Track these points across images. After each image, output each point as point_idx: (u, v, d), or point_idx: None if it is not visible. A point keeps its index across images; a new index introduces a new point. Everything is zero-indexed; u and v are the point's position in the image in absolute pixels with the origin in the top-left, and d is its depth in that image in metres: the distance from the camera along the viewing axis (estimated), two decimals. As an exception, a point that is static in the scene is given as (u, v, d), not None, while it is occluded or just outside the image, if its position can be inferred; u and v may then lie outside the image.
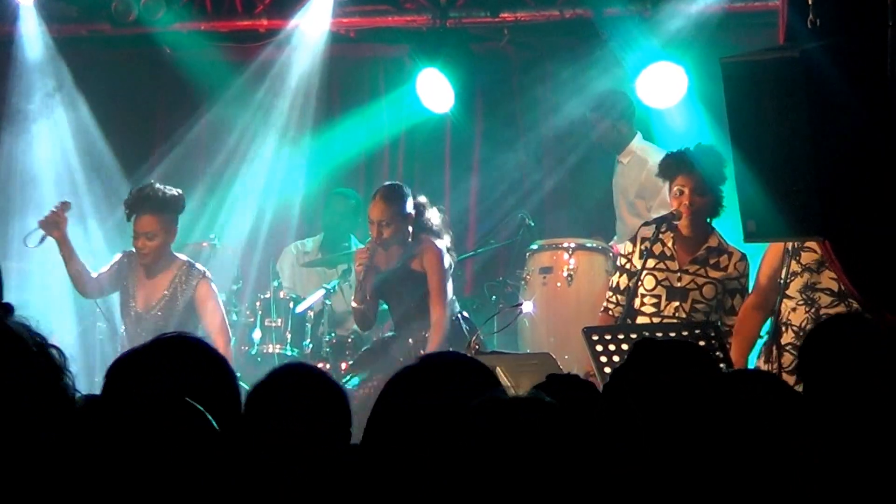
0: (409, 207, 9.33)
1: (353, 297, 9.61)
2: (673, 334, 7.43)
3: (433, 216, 9.49)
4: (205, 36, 11.52)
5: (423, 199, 9.51)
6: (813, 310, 7.63)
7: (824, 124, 6.54)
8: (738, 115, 6.86)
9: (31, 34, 11.55)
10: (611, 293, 8.58)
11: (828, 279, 7.63)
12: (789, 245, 7.71)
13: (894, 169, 6.54)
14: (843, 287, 7.47)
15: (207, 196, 11.55)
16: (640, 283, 8.32)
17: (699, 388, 3.35)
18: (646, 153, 10.50)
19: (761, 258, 8.01)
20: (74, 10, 11.62)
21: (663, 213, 8.72)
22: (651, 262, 8.34)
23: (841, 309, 7.53)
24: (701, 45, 10.34)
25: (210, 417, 2.99)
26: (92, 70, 11.82)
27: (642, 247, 8.39)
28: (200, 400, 3.32)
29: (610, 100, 10.70)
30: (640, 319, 8.31)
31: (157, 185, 9.34)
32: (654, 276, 8.32)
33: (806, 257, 7.71)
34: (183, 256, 9.54)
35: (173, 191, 9.33)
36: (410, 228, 9.33)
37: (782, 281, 7.71)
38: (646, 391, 3.36)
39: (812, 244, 7.61)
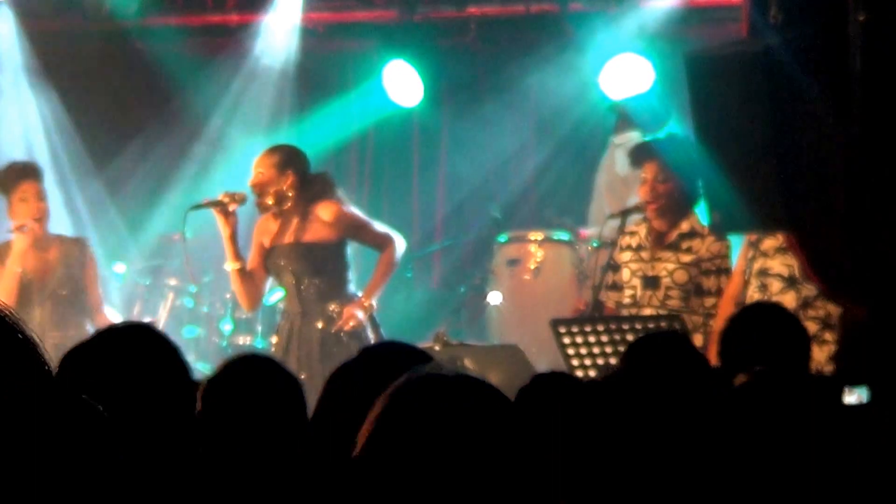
0: (290, 164, 8.49)
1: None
2: (639, 326, 7.48)
3: (326, 183, 8.59)
4: (176, 30, 11.58)
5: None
6: (765, 296, 7.62)
7: (788, 118, 6.62)
8: (701, 109, 6.90)
9: (3, 28, 11.56)
10: (604, 290, 8.45)
11: (779, 265, 7.66)
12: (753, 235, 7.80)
13: (857, 162, 6.65)
14: (793, 273, 7.58)
15: (178, 188, 11.57)
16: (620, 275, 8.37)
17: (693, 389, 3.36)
18: None
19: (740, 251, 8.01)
20: (47, 4, 11.64)
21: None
22: (627, 255, 8.33)
23: (791, 295, 7.61)
24: (665, 39, 10.43)
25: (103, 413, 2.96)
26: (64, 64, 11.82)
27: (622, 241, 8.43)
28: (153, 391, 3.37)
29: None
30: (622, 312, 8.27)
31: (17, 160, 8.98)
32: (630, 268, 8.32)
33: (766, 243, 7.76)
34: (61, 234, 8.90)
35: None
36: (291, 190, 8.47)
37: (746, 268, 7.79)
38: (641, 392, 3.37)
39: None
